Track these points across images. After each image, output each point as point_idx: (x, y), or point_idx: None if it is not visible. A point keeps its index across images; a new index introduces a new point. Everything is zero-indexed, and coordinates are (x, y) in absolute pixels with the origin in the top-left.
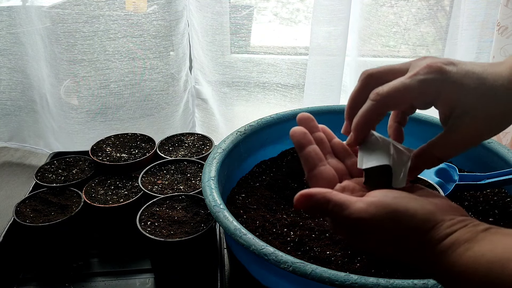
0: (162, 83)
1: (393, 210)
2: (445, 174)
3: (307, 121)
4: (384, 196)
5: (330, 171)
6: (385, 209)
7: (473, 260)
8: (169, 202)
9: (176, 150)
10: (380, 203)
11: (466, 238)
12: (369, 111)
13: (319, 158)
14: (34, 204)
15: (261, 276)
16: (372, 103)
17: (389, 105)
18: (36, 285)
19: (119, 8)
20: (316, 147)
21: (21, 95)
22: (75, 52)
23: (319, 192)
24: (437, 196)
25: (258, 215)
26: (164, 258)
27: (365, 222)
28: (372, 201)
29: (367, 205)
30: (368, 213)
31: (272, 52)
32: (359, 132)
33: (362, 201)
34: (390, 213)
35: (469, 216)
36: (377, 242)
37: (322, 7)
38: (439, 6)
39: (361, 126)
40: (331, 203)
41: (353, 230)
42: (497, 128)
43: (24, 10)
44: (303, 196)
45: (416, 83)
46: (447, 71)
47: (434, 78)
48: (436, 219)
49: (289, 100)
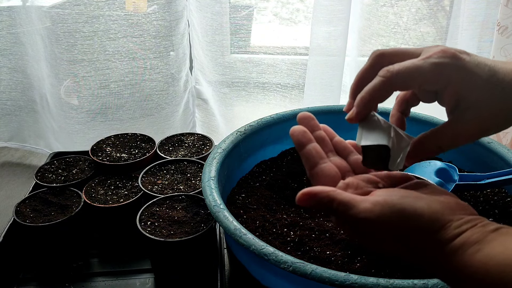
0: (162, 83)
1: (400, 209)
2: (445, 174)
3: (307, 120)
4: (390, 195)
5: (332, 168)
6: (392, 209)
7: (484, 262)
8: (169, 202)
9: (176, 150)
10: (386, 203)
11: (475, 239)
12: (376, 87)
13: (320, 156)
14: (34, 204)
15: (261, 276)
16: (381, 79)
17: (397, 84)
18: (36, 285)
19: (119, 8)
20: (317, 145)
21: (21, 95)
22: (75, 52)
23: (323, 191)
24: (444, 193)
25: (258, 215)
26: (164, 258)
27: (371, 222)
28: (378, 200)
29: (373, 205)
30: (374, 213)
31: (272, 53)
32: (362, 108)
33: (367, 200)
34: (397, 213)
35: (478, 215)
36: (383, 241)
37: (322, 7)
38: (439, 6)
39: (365, 101)
40: (335, 202)
41: (358, 229)
42: (503, 124)
43: (24, 10)
44: (306, 194)
45: (428, 65)
46: (461, 58)
47: (447, 63)
48: (444, 219)
49: (289, 100)
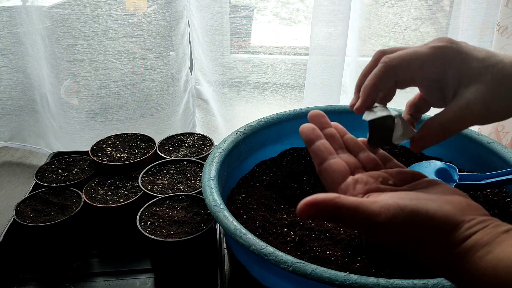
0: (162, 83)
1: (412, 211)
2: (445, 174)
3: (318, 118)
4: (402, 198)
5: (341, 164)
6: (403, 211)
7: (493, 264)
8: (169, 202)
9: (176, 150)
10: (397, 205)
11: (486, 241)
12: (378, 74)
13: (329, 152)
14: (34, 204)
15: (261, 276)
16: (382, 65)
17: (398, 70)
18: (36, 285)
19: (119, 8)
20: (326, 141)
21: (22, 95)
22: (75, 52)
23: (327, 199)
24: (455, 193)
25: (258, 215)
26: (164, 258)
27: (382, 225)
28: (389, 203)
29: (383, 208)
30: (385, 216)
31: (272, 53)
32: (366, 96)
33: (377, 203)
34: (409, 215)
35: (490, 215)
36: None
37: (322, 7)
38: (439, 6)
39: (369, 89)
40: (343, 209)
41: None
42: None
43: (25, 10)
44: (308, 204)
45: (427, 49)
46: (458, 42)
47: (445, 45)
48: (456, 220)
49: (289, 100)
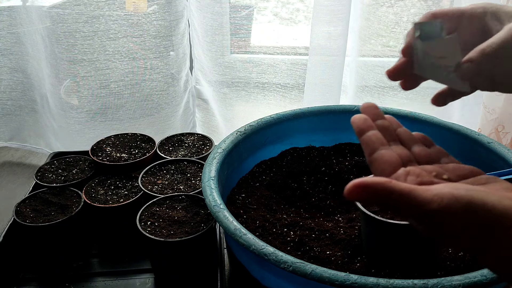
0: (162, 83)
1: (467, 202)
2: None
3: (370, 109)
4: (456, 188)
5: (393, 154)
6: (459, 202)
7: None
8: (169, 202)
9: (176, 150)
10: (452, 195)
11: None
12: None
13: (381, 142)
14: (34, 204)
15: (261, 276)
16: None
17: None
18: (36, 285)
19: (119, 8)
20: (378, 132)
21: (22, 95)
22: (75, 52)
23: (378, 182)
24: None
25: (258, 215)
26: (164, 258)
27: (434, 214)
28: (443, 192)
29: (437, 197)
30: (438, 205)
31: (272, 53)
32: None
33: (430, 191)
34: (464, 206)
35: None
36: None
37: (322, 7)
38: (438, 6)
39: None
40: (394, 194)
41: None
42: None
43: (25, 10)
44: (357, 186)
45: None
46: None
47: None
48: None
49: (289, 100)
